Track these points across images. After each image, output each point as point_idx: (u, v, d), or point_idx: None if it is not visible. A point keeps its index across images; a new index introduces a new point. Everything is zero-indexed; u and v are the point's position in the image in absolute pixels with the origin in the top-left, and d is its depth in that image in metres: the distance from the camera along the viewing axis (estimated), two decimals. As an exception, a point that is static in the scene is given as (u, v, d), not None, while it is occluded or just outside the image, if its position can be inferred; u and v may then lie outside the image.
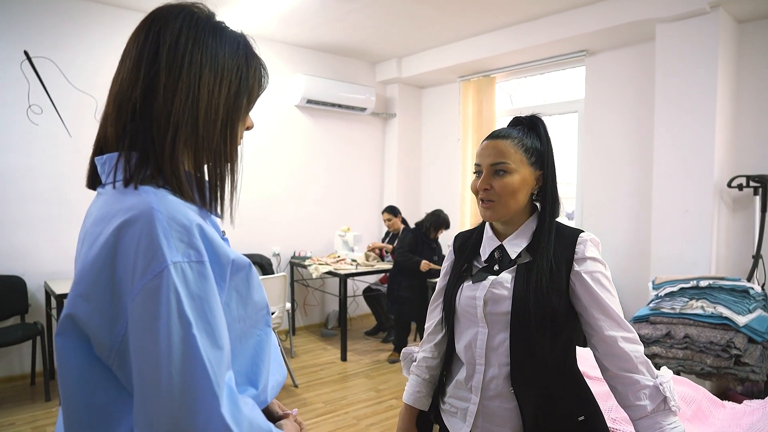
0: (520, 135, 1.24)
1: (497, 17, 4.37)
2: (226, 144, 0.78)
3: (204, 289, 0.65)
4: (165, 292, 0.61)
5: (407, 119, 6.07)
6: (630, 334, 1.16)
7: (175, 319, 0.62)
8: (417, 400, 1.38)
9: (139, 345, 0.62)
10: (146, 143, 0.72)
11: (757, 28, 3.59)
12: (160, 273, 0.62)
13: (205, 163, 0.77)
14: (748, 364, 2.71)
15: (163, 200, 0.67)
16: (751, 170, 3.56)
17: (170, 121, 0.72)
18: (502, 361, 1.19)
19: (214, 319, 0.66)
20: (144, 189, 0.69)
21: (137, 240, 0.63)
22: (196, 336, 0.62)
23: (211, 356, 0.63)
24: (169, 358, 0.61)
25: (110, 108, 0.75)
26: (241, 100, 0.80)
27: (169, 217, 0.65)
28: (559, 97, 4.97)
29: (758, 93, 3.61)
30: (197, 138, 0.74)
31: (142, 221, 0.64)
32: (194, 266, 0.65)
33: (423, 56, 5.42)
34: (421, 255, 4.44)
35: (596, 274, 1.18)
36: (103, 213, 0.69)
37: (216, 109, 0.76)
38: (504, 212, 1.22)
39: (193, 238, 0.66)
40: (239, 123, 0.81)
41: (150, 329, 0.61)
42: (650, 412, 1.12)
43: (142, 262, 0.62)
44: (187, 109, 0.73)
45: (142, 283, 0.62)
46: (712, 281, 3.00)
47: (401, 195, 6.00)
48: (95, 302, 0.64)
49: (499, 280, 1.22)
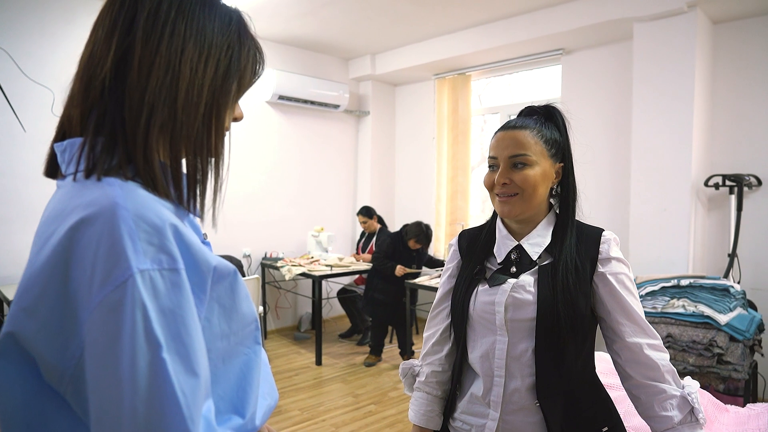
0: (537, 125, 1.15)
1: (473, 14, 4.31)
2: (209, 133, 0.67)
3: (178, 302, 0.54)
4: (129, 306, 0.51)
5: (381, 117, 5.97)
6: (656, 341, 1.09)
7: (140, 340, 0.51)
8: (430, 420, 1.24)
9: (97, 371, 0.51)
10: (115, 126, 0.60)
11: (731, 29, 3.64)
12: (124, 283, 0.51)
13: (184, 154, 0.65)
14: (731, 363, 2.72)
15: (130, 194, 0.56)
16: (726, 169, 3.60)
17: (144, 101, 0.60)
18: (526, 371, 1.09)
19: (189, 339, 0.54)
20: (108, 181, 0.58)
21: (96, 242, 0.52)
22: (166, 360, 0.51)
23: (184, 385, 0.52)
24: (134, 387, 0.50)
25: (77, 86, 0.64)
26: (229, 83, 0.68)
27: (136, 215, 0.54)
28: (533, 96, 4.95)
29: (732, 93, 3.65)
30: (175, 123, 0.62)
31: (102, 219, 0.53)
32: (166, 275, 0.54)
33: (397, 53, 5.32)
34: (399, 260, 4.35)
35: (621, 276, 1.11)
36: (58, 209, 0.58)
37: (199, 90, 0.64)
38: (525, 208, 1.12)
39: (165, 240, 0.55)
40: (226, 110, 0.69)
41: (110, 352, 0.50)
42: (677, 424, 1.05)
43: (102, 269, 0.51)
44: (165, 88, 0.61)
45: (102, 296, 0.51)
46: (692, 280, 3.01)
47: (375, 194, 5.90)
48: (43, 318, 0.54)
49: (521, 284, 1.11)
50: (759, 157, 3.53)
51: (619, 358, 1.12)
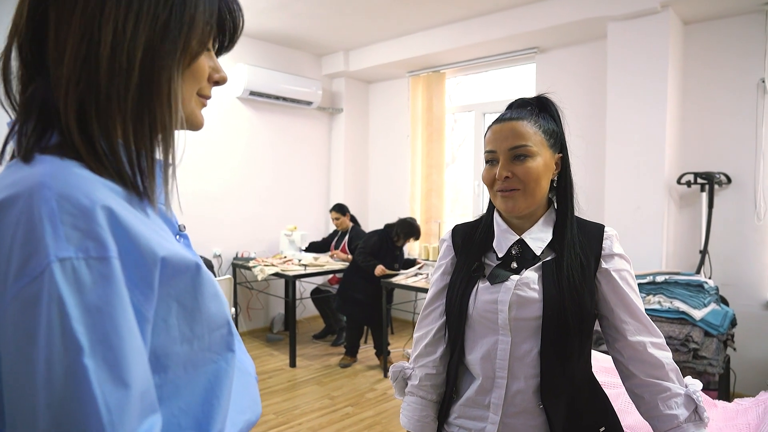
0: (533, 116, 1.10)
1: (448, 11, 4.29)
2: (151, 104, 0.56)
3: (106, 297, 0.46)
4: (45, 301, 0.43)
5: (354, 114, 5.89)
6: (659, 339, 1.06)
7: (57, 342, 0.43)
8: (425, 426, 1.17)
9: (11, 376, 0.45)
10: (44, 104, 0.54)
11: (701, 29, 3.70)
12: (40, 274, 0.44)
13: (120, 130, 0.55)
14: (706, 358, 2.76)
15: (61, 172, 0.48)
16: (697, 168, 3.66)
17: (62, 74, 0.52)
18: (530, 372, 1.05)
19: (120, 341, 0.46)
20: (41, 158, 0.51)
21: (14, 226, 0.45)
22: (87, 366, 0.44)
23: (109, 397, 0.44)
24: (48, 397, 0.43)
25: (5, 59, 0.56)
26: (172, 39, 0.56)
27: (60, 195, 0.46)
28: (508, 95, 4.96)
29: (702, 93, 3.72)
30: (98, 97, 0.53)
31: (22, 201, 0.46)
32: (93, 264, 0.46)
33: (371, 49, 5.26)
34: (383, 260, 4.27)
35: (624, 273, 1.08)
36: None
37: (129, 55, 0.54)
38: (529, 202, 1.07)
39: (93, 224, 0.47)
40: (171, 74, 0.57)
41: (24, 355, 0.43)
42: (682, 422, 1.02)
43: (18, 259, 0.44)
44: (81, 58, 0.52)
45: (16, 289, 0.44)
46: (668, 276, 3.04)
47: (349, 192, 5.82)
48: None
49: (525, 280, 1.07)
50: (728, 156, 3.61)
51: (621, 357, 1.08)
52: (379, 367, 4.21)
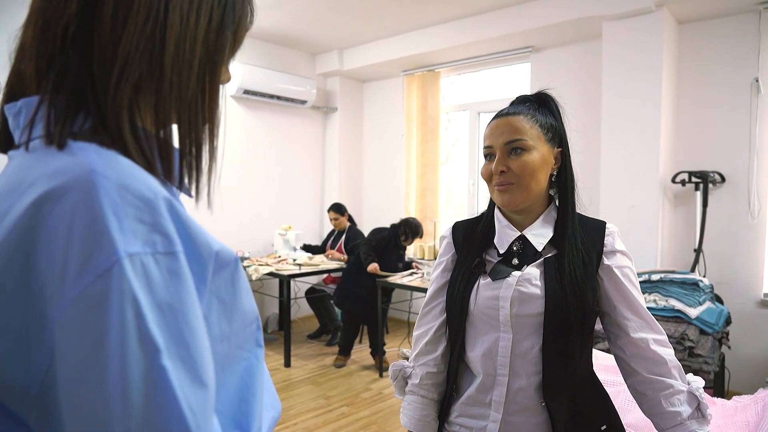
0: (531, 111, 1.10)
1: (443, 10, 4.28)
2: (204, 96, 0.55)
3: (177, 294, 0.43)
4: (116, 300, 0.39)
5: (349, 114, 5.88)
6: (662, 336, 1.06)
7: (133, 343, 0.39)
8: (426, 425, 1.16)
9: (75, 386, 0.39)
10: (80, 82, 0.48)
11: (695, 29, 3.72)
12: (108, 271, 0.39)
13: (175, 120, 0.54)
14: (701, 356, 2.77)
15: (111, 161, 0.44)
16: (691, 167, 3.68)
17: (118, 53, 0.48)
18: (531, 370, 1.04)
19: (194, 340, 0.43)
20: (80, 146, 0.46)
21: (69, 221, 0.41)
22: (167, 368, 0.40)
23: (191, 399, 0.41)
24: (126, 406, 0.38)
25: (29, 33, 0.51)
26: (224, 36, 0.57)
27: (120, 186, 0.42)
28: (502, 94, 4.96)
29: (696, 92, 3.74)
30: (162, 82, 0.51)
31: (77, 191, 0.41)
32: (161, 260, 0.43)
33: (365, 48, 5.24)
34: (389, 259, 4.28)
35: (626, 270, 1.07)
36: (13, 183, 0.46)
37: (192, 44, 0.53)
38: (525, 196, 1.07)
39: (159, 217, 0.44)
40: (222, 68, 0.58)
41: (92, 360, 0.39)
42: (686, 419, 1.01)
43: (78, 255, 0.40)
44: (145, 39, 0.49)
45: (79, 288, 0.39)
46: (663, 275, 3.05)
47: (343, 191, 5.80)
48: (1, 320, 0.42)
49: (527, 277, 1.06)
50: (722, 155, 3.62)
51: (623, 354, 1.08)
52: (374, 367, 4.20)
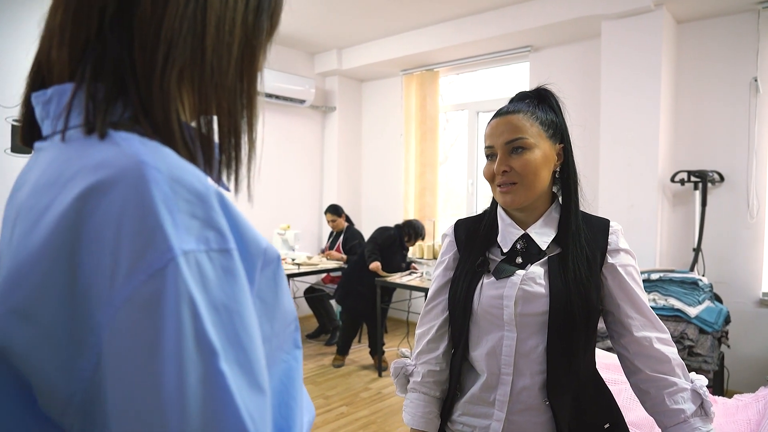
0: (531, 108, 1.09)
1: (442, 9, 4.28)
2: (242, 82, 0.51)
3: (233, 294, 0.40)
4: (172, 301, 0.36)
5: (347, 113, 5.87)
6: (665, 334, 1.05)
7: (190, 347, 0.36)
8: (429, 422, 1.15)
9: (125, 392, 0.37)
10: (121, 68, 0.45)
11: (694, 28, 3.72)
12: (162, 270, 0.36)
13: (215, 108, 0.50)
14: (701, 355, 2.77)
15: (158, 153, 0.41)
16: (690, 166, 3.68)
17: (161, 36, 0.45)
18: (535, 369, 1.03)
19: (250, 343, 0.40)
20: (123, 136, 0.42)
21: (118, 215, 0.37)
22: (225, 373, 0.37)
23: (250, 405, 0.38)
24: (183, 412, 0.35)
25: (58, 16, 0.47)
26: (262, 20, 0.53)
27: (172, 178, 0.39)
28: (501, 93, 4.96)
29: (695, 91, 3.74)
30: (203, 67, 0.47)
31: (125, 184, 0.38)
32: (215, 258, 0.39)
33: (364, 48, 5.24)
34: (393, 258, 4.28)
35: (629, 268, 1.07)
36: (51, 176, 0.43)
37: (231, 26, 0.49)
38: (529, 195, 1.06)
39: (211, 212, 0.40)
40: (260, 54, 0.54)
41: (146, 365, 0.36)
42: (689, 417, 1.01)
43: (130, 252, 0.37)
44: (187, 21, 0.46)
45: (131, 288, 0.36)
46: (662, 274, 3.05)
47: (342, 191, 5.80)
48: (44, 323, 0.38)
49: (531, 275, 1.05)
50: (721, 154, 3.63)
51: (626, 352, 1.07)
52: (374, 366, 4.19)
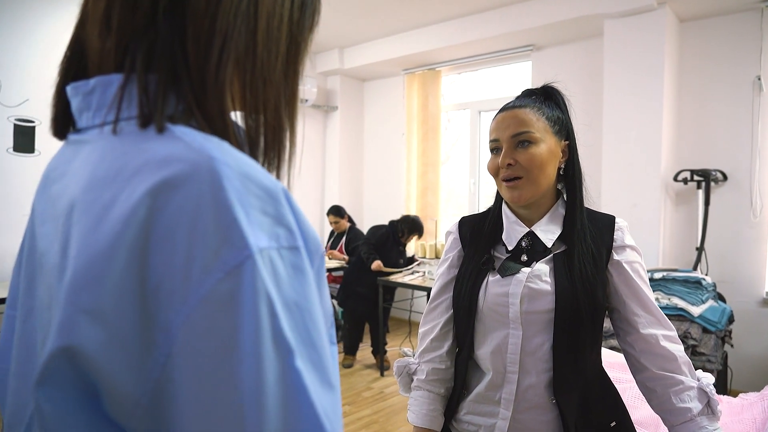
0: (537, 103, 1.09)
1: (444, 8, 4.27)
2: (288, 80, 0.50)
3: (303, 291, 0.40)
4: (249, 298, 0.36)
5: (349, 112, 5.87)
6: (671, 332, 1.05)
7: (267, 345, 0.36)
8: (433, 420, 1.14)
9: (201, 392, 0.35)
10: (174, 61, 0.43)
11: (697, 27, 3.71)
12: (239, 267, 0.36)
13: (262, 106, 0.48)
14: (704, 354, 2.76)
15: (224, 148, 0.40)
16: (693, 165, 3.67)
17: (216, 28, 0.44)
18: (541, 367, 1.03)
19: (319, 340, 0.40)
20: (182, 130, 0.41)
21: (193, 211, 0.36)
22: (300, 371, 0.37)
23: (324, 402, 0.38)
24: (260, 412, 0.35)
25: (101, 3, 0.45)
26: (305, 17, 0.52)
27: (242, 175, 0.39)
28: (503, 92, 4.95)
29: (698, 90, 3.73)
30: (255, 61, 0.46)
31: (198, 180, 0.37)
32: (286, 255, 0.39)
33: (366, 47, 5.24)
34: (389, 255, 4.26)
35: (635, 265, 1.06)
36: (109, 170, 0.41)
37: (279, 22, 0.48)
38: (534, 190, 1.05)
39: (281, 208, 0.40)
40: (305, 52, 0.53)
41: (223, 363, 0.35)
42: (696, 416, 1.00)
43: (205, 249, 0.36)
44: (242, 14, 0.45)
45: (208, 286, 0.35)
46: (666, 273, 3.04)
47: (344, 190, 5.79)
48: (114, 324, 0.37)
49: (536, 273, 1.04)
50: (724, 153, 3.62)
51: (632, 350, 1.07)
52: (376, 366, 4.19)
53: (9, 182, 3.61)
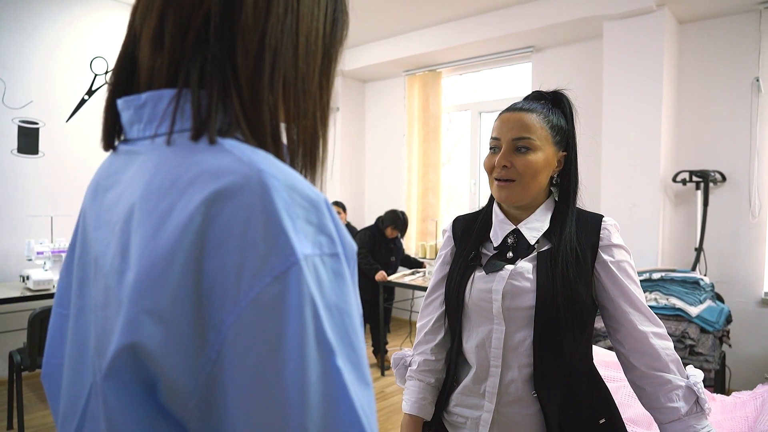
0: (545, 110, 1.11)
1: (444, 10, 4.30)
2: (322, 91, 0.54)
3: (343, 296, 0.43)
4: (295, 302, 0.39)
5: (351, 114, 5.89)
6: (660, 329, 1.07)
7: (311, 345, 0.39)
8: (422, 408, 1.18)
9: (249, 387, 0.39)
10: (225, 76, 0.46)
11: (696, 29, 3.73)
12: (285, 273, 0.39)
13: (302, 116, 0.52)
14: (702, 354, 2.78)
15: (271, 161, 0.44)
16: (692, 166, 3.69)
17: (265, 44, 0.47)
18: (523, 362, 1.06)
19: (358, 341, 0.43)
20: (231, 143, 0.44)
21: (244, 221, 0.40)
22: (341, 369, 0.40)
23: (362, 398, 0.41)
24: (304, 407, 0.38)
25: (152, 22, 0.48)
26: (337, 30, 0.56)
27: (289, 186, 0.42)
28: (504, 94, 4.97)
29: (696, 91, 3.75)
30: (297, 74, 0.50)
31: (249, 191, 0.40)
32: (328, 261, 0.42)
33: (367, 49, 5.26)
34: (378, 254, 4.28)
35: (623, 264, 1.08)
36: (165, 180, 0.44)
37: (316, 36, 0.52)
38: (523, 195, 1.08)
39: (324, 218, 0.43)
40: (336, 62, 0.57)
41: (270, 361, 0.38)
42: (683, 415, 1.03)
43: (255, 255, 0.39)
44: (287, 30, 0.49)
45: (257, 290, 0.39)
46: (664, 273, 3.06)
47: (345, 191, 5.82)
48: (173, 323, 0.40)
49: (519, 270, 1.07)
50: (723, 154, 3.64)
51: (622, 348, 1.09)
52: (377, 365, 4.21)
53: (13, 183, 3.64)
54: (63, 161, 3.80)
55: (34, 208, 3.69)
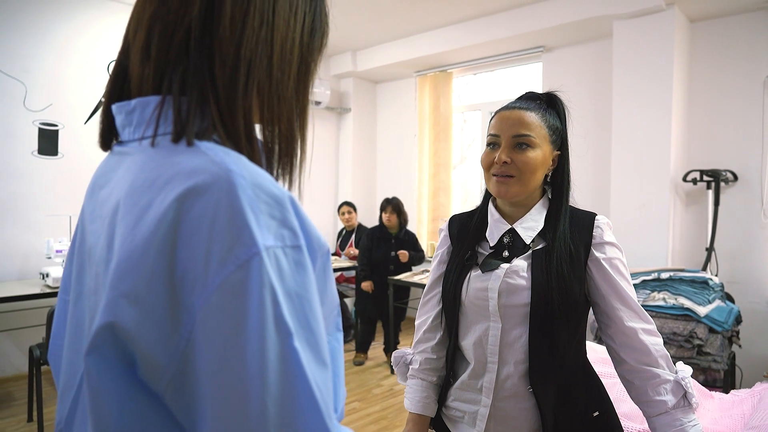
0: (541, 110, 1.14)
1: (455, 11, 4.32)
2: (298, 95, 0.59)
3: (303, 283, 0.47)
4: (256, 288, 0.43)
5: (362, 114, 5.94)
6: (650, 325, 1.09)
7: (270, 327, 0.43)
8: (426, 406, 1.21)
9: (215, 365, 0.43)
10: (203, 85, 0.52)
11: (707, 27, 3.71)
12: (248, 262, 0.43)
13: (276, 120, 0.57)
14: (710, 354, 2.77)
15: (240, 161, 0.48)
16: (703, 165, 3.66)
17: (241, 56, 0.52)
18: (519, 358, 1.09)
19: (317, 325, 0.48)
20: (207, 145, 0.50)
21: (211, 215, 0.44)
22: (298, 350, 0.44)
23: (318, 377, 0.45)
24: (263, 383, 0.42)
25: (140, 35, 0.54)
26: (314, 39, 0.60)
27: (254, 185, 0.46)
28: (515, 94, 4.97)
29: (708, 90, 3.73)
30: (271, 82, 0.55)
31: (217, 189, 0.45)
32: (289, 252, 0.47)
33: (378, 50, 5.31)
34: (377, 250, 4.32)
35: (615, 261, 1.11)
36: (147, 178, 0.50)
37: (291, 46, 0.57)
38: (522, 190, 1.11)
39: (286, 213, 0.48)
40: (314, 72, 0.62)
41: (233, 342, 0.43)
42: (670, 408, 1.05)
43: (221, 246, 0.44)
44: (262, 42, 0.53)
45: (222, 276, 0.43)
46: (672, 273, 3.05)
47: (357, 191, 5.87)
48: (148, 305, 0.45)
49: (514, 269, 1.10)
50: (734, 153, 3.61)
51: (613, 343, 1.12)
52: (387, 363, 4.25)
53: (33, 184, 3.76)
54: (81, 162, 3.90)
55: (53, 208, 3.80)
